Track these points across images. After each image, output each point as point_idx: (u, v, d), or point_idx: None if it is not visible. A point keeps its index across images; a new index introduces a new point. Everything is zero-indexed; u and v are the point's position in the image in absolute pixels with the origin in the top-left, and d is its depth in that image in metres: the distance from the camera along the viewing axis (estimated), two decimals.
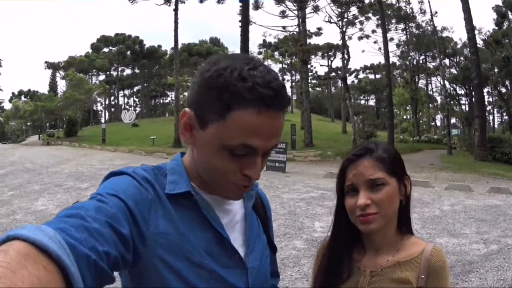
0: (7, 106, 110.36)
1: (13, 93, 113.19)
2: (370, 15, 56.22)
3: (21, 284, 0.71)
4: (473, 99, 42.42)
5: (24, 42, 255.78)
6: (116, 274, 1.13)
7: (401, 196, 1.88)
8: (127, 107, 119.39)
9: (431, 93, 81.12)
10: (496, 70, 52.31)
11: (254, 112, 1.19)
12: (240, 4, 37.72)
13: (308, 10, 51.15)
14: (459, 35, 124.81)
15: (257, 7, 51.43)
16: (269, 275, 1.63)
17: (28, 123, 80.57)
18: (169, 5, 53.39)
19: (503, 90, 56.97)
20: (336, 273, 1.91)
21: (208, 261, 1.32)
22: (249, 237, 1.50)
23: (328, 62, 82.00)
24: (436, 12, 66.50)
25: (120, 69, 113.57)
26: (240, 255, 1.42)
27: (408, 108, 69.70)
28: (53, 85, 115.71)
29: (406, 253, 1.86)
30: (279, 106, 1.23)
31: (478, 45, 40.31)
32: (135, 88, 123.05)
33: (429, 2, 57.59)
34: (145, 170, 1.38)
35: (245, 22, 36.64)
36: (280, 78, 1.28)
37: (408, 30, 65.58)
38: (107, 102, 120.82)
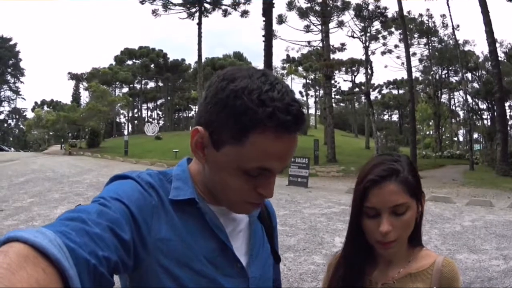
0: (30, 115, 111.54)
1: (36, 103, 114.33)
2: (393, 29, 56.16)
3: (20, 285, 0.73)
4: (495, 113, 42.19)
5: (48, 53, 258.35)
6: (115, 276, 1.13)
7: (417, 214, 1.85)
8: (150, 120, 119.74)
9: (453, 108, 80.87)
10: None
11: (272, 137, 1.18)
12: (264, 18, 37.76)
13: (331, 25, 51.32)
14: (481, 48, 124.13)
15: (281, 21, 51.69)
16: (272, 284, 1.63)
17: (51, 133, 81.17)
18: (193, 19, 53.95)
19: None
20: (348, 285, 1.90)
21: (209, 269, 1.32)
22: (252, 246, 1.50)
23: (351, 77, 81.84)
24: (458, 26, 66.35)
25: (143, 82, 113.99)
26: (242, 264, 1.42)
27: (430, 123, 69.31)
28: (76, 96, 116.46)
29: (418, 265, 1.86)
30: (296, 129, 1.23)
31: (499, 58, 40.09)
32: (159, 101, 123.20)
33: (450, 15, 57.23)
34: (150, 175, 1.37)
35: (269, 38, 36.72)
36: (297, 95, 1.24)
37: (430, 44, 65.48)
38: (130, 115, 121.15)
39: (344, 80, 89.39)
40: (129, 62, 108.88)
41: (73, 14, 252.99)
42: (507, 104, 52.43)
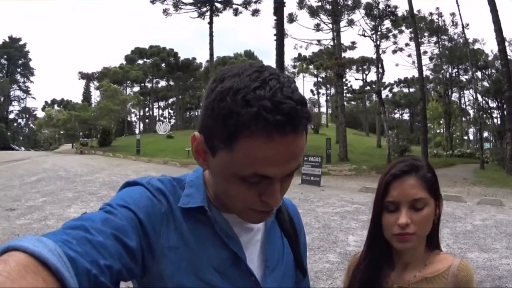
0: (40, 114, 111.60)
1: (46, 102, 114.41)
2: (403, 28, 56.02)
3: None
4: (505, 112, 41.95)
5: (58, 52, 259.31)
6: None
7: (435, 216, 1.90)
8: (162, 118, 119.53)
9: (463, 106, 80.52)
10: None
11: (262, 141, 1.05)
12: (275, 17, 37.71)
13: (342, 23, 51.26)
14: (490, 47, 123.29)
15: (291, 20, 51.68)
16: None
17: (61, 132, 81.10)
18: (203, 18, 53.98)
19: None
20: (366, 287, 1.95)
21: (218, 280, 1.26)
22: (268, 257, 1.41)
23: (362, 76, 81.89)
24: (467, 24, 65.72)
25: (154, 81, 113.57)
26: (256, 277, 1.33)
27: (441, 122, 69.05)
28: (86, 95, 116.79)
29: (434, 268, 1.89)
30: (292, 130, 1.06)
31: (509, 57, 39.88)
32: (170, 100, 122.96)
33: (460, 14, 57.11)
34: (161, 181, 1.33)
35: (280, 36, 36.60)
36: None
37: (440, 43, 65.30)
38: (141, 114, 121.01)
39: (356, 79, 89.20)
40: (140, 62, 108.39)
41: (83, 13, 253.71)
42: None
